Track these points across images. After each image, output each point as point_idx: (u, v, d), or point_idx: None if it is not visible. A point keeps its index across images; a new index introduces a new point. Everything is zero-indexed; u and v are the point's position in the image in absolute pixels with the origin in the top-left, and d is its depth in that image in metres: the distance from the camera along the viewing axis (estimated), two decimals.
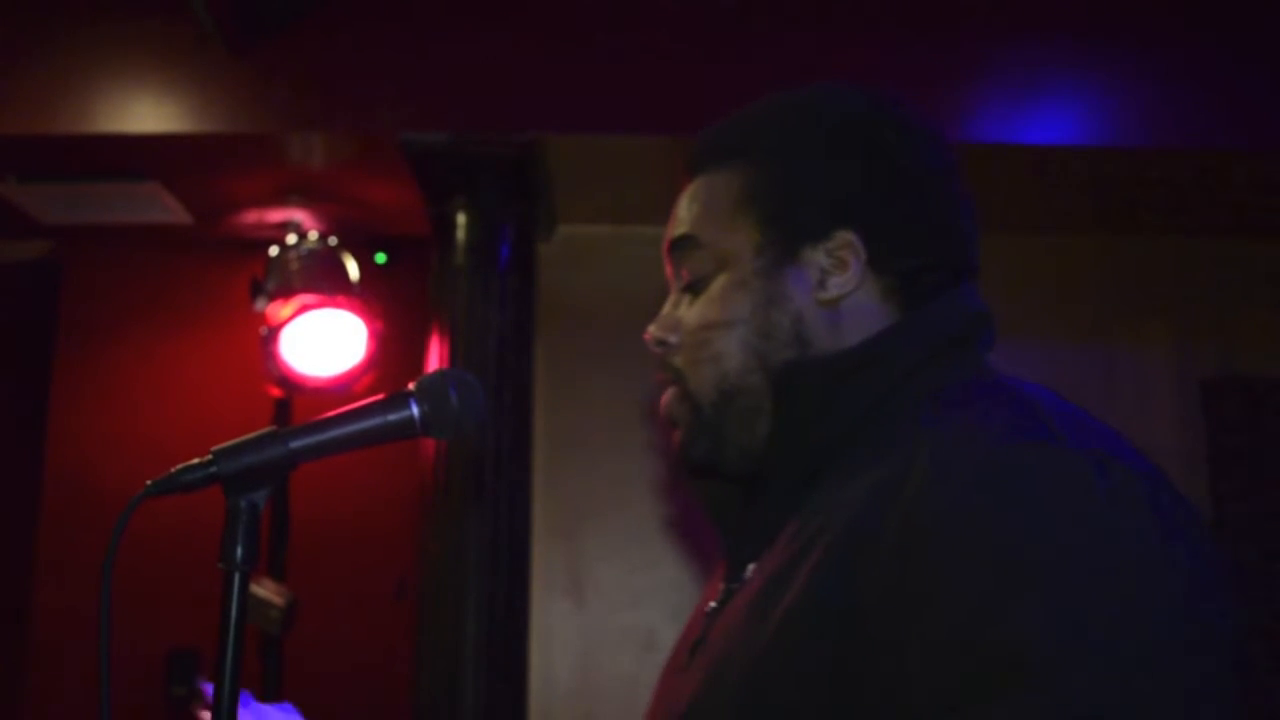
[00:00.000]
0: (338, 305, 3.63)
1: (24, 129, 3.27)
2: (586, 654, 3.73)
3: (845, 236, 1.09)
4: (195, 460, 0.99)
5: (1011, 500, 0.88)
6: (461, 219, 3.46)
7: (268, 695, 3.48)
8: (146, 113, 3.29)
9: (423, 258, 3.62)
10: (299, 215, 3.77)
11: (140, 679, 3.67)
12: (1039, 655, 0.81)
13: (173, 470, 0.99)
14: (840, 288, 1.09)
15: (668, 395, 1.16)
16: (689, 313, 1.15)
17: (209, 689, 1.02)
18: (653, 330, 1.17)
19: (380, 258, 4.01)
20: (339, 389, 3.60)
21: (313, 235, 3.80)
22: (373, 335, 3.62)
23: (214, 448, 1.00)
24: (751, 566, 1.08)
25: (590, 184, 3.62)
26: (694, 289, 1.15)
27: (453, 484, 3.31)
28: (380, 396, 1.05)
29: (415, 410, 1.04)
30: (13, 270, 4.17)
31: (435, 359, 3.41)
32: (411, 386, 1.06)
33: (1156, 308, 4.01)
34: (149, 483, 0.99)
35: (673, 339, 1.15)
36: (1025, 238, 3.96)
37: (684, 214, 1.17)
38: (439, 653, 3.25)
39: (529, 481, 3.56)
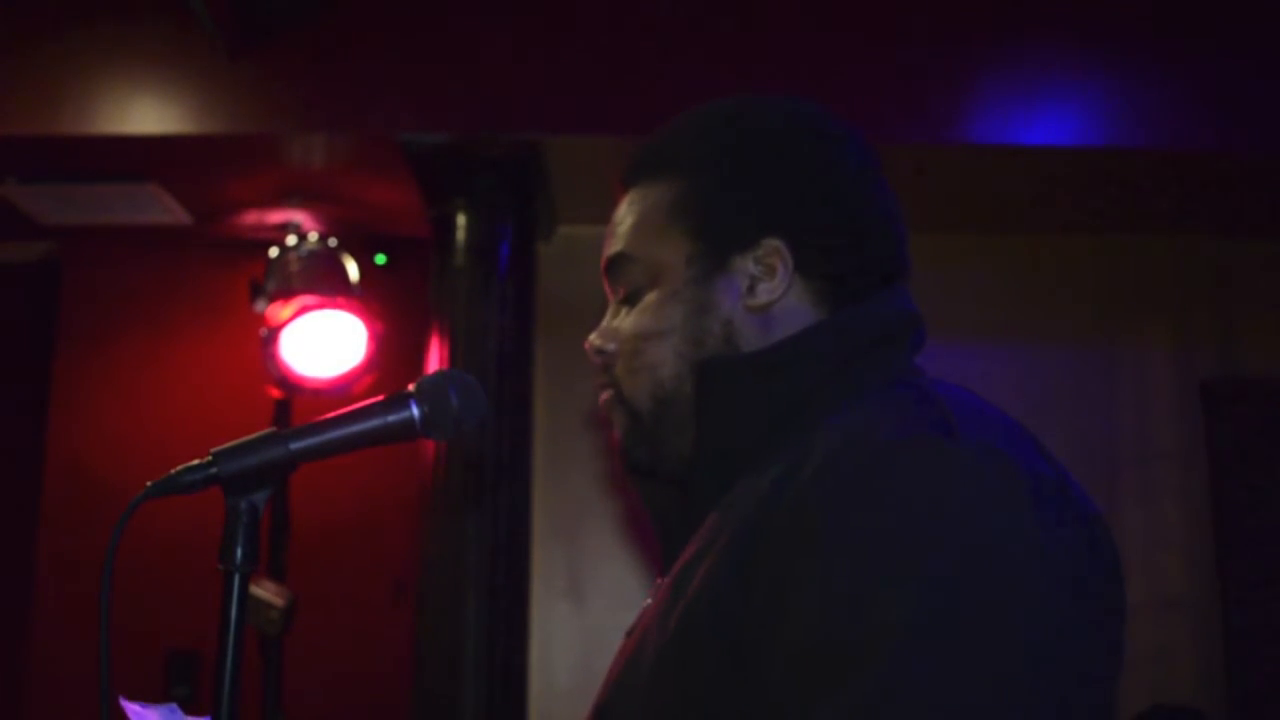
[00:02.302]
0: (337, 306, 3.63)
1: (24, 130, 3.27)
2: (586, 654, 3.73)
3: (773, 244, 1.12)
4: (195, 461, 0.99)
5: (889, 494, 0.90)
6: (461, 220, 3.46)
7: (268, 695, 3.48)
8: (146, 114, 3.29)
9: (423, 259, 3.62)
10: (299, 216, 3.77)
11: (140, 679, 3.67)
12: (885, 650, 0.83)
13: (173, 471, 0.99)
14: (769, 294, 1.12)
15: (605, 398, 1.20)
16: (625, 322, 1.18)
17: (130, 708, 1.02)
18: (592, 340, 1.20)
19: (380, 259, 4.01)
20: (339, 390, 3.60)
21: (312, 236, 3.80)
22: (373, 336, 3.62)
23: (214, 449, 1.00)
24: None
25: (590, 184, 3.62)
26: (630, 301, 1.18)
27: (453, 484, 3.31)
28: (380, 398, 1.06)
29: (415, 411, 1.04)
30: (13, 271, 4.17)
31: (435, 360, 3.41)
32: (411, 387, 1.06)
33: (1156, 308, 4.01)
34: (149, 484, 0.99)
35: (611, 347, 1.18)
36: (1025, 238, 3.96)
37: (618, 230, 1.20)
38: (439, 653, 3.25)
39: (529, 481, 3.56)
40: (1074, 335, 3.98)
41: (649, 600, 1.16)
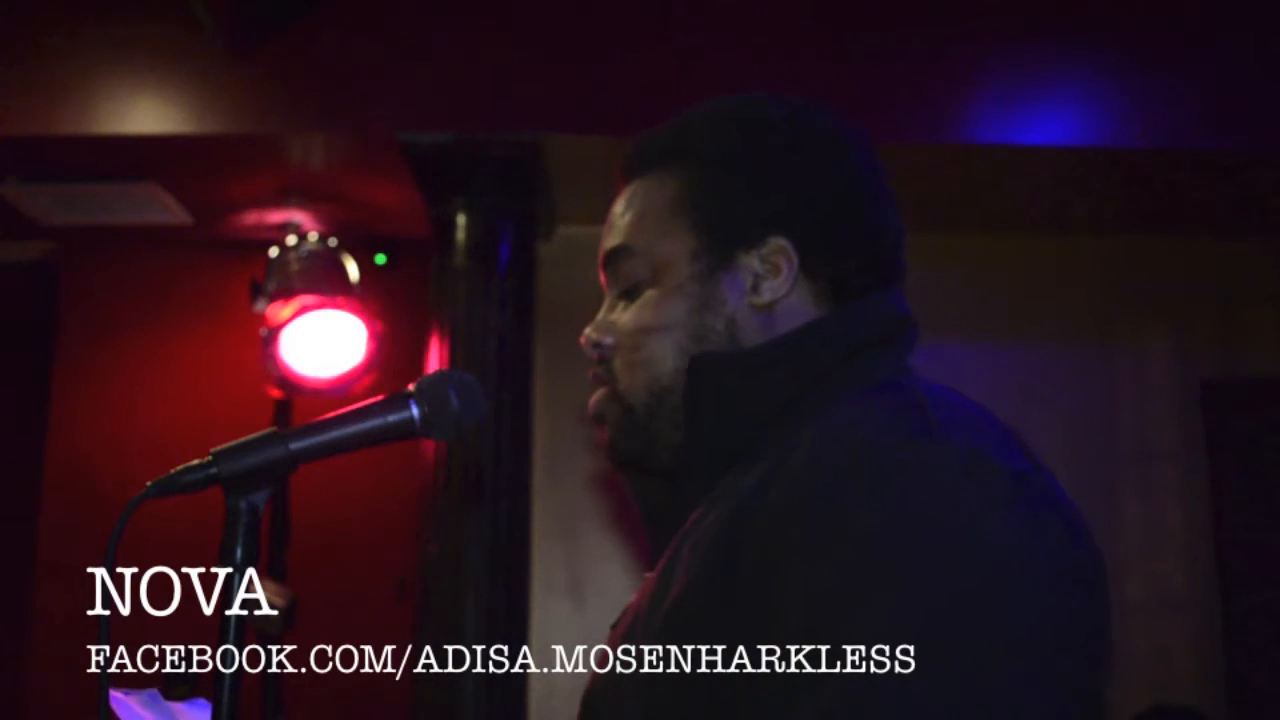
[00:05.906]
0: (338, 306, 3.63)
1: (24, 130, 3.27)
2: (586, 654, 3.73)
3: (779, 243, 1.12)
4: (195, 461, 0.99)
5: (872, 494, 0.90)
6: (461, 220, 3.46)
7: (268, 695, 3.48)
8: (146, 114, 3.29)
9: (423, 259, 3.62)
10: (299, 216, 3.77)
11: (140, 680, 3.67)
12: (869, 652, 0.83)
13: (173, 471, 0.99)
14: (773, 292, 1.12)
15: (597, 394, 1.19)
16: (624, 316, 1.17)
17: (113, 697, 1.01)
18: (588, 333, 1.20)
19: (380, 259, 4.00)
20: (339, 390, 3.60)
21: (312, 236, 3.79)
22: (373, 336, 3.62)
23: (214, 449, 1.00)
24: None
25: (590, 184, 3.61)
26: (629, 295, 1.18)
27: (453, 484, 3.31)
28: (380, 398, 1.06)
29: (415, 411, 1.04)
30: (13, 271, 4.17)
31: (435, 360, 3.41)
32: (411, 387, 1.06)
33: (1156, 308, 4.00)
34: (149, 484, 0.99)
35: (608, 340, 1.18)
36: (1026, 238, 3.96)
37: (619, 222, 1.19)
38: (439, 653, 3.25)
39: (529, 481, 3.56)
40: (1074, 335, 3.97)
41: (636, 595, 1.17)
